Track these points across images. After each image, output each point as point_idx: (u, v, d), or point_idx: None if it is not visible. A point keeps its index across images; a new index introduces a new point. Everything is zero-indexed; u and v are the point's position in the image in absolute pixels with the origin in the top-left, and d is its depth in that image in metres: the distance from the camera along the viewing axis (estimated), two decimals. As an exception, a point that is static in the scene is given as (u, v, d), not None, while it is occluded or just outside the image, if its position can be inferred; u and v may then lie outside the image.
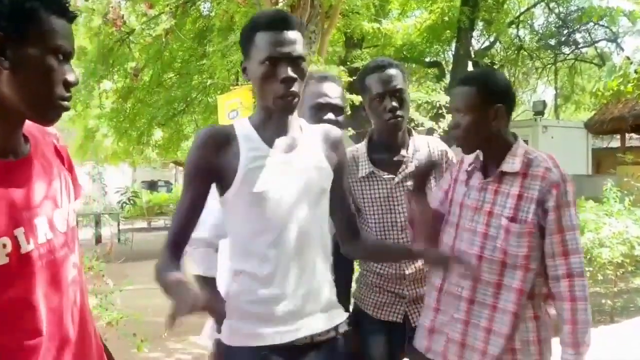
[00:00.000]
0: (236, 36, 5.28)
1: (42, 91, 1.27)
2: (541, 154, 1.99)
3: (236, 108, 5.73)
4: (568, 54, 17.75)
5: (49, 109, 1.30)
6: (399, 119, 2.27)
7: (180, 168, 21.96)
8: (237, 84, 8.33)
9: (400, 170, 2.30)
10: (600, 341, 1.99)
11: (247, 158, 1.69)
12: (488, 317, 1.96)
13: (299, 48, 1.67)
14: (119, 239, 13.45)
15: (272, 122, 1.74)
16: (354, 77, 2.07)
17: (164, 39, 7.40)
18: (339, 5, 5.05)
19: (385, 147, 2.33)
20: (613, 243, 5.71)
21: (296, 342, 1.69)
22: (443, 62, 15.40)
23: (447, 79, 13.41)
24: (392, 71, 2.28)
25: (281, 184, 1.69)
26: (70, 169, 1.54)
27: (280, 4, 4.59)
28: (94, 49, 8.56)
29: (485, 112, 1.95)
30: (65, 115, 1.48)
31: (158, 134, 11.21)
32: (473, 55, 13.98)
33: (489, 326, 1.96)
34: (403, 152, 2.35)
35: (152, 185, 23.50)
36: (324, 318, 1.75)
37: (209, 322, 2.28)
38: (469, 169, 2.08)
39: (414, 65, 14.81)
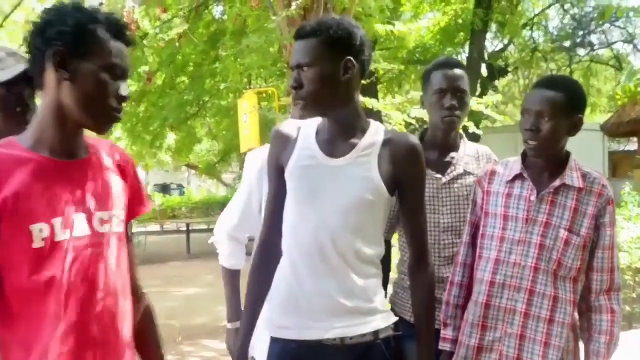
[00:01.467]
0: (249, 40, 5.26)
1: (95, 102, 1.43)
2: (593, 170, 2.00)
3: (247, 112, 5.75)
4: (583, 56, 17.61)
5: (101, 118, 1.46)
6: (455, 118, 2.26)
7: (193, 171, 22.04)
8: (249, 87, 8.34)
9: (448, 171, 2.29)
10: (618, 348, 2.00)
11: (298, 157, 1.76)
12: (545, 331, 1.92)
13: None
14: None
15: (331, 126, 1.77)
16: (366, 80, 2.04)
17: (177, 43, 7.41)
18: (352, 8, 5.01)
19: (437, 147, 2.31)
20: (631, 248, 5.64)
21: (324, 341, 1.71)
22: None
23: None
24: (458, 71, 2.29)
25: (319, 186, 1.73)
26: (133, 185, 1.65)
27: (293, 7, 4.56)
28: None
29: (568, 121, 1.92)
30: None
31: (171, 137, 11.24)
32: (487, 58, 13.90)
33: (546, 340, 1.92)
34: (453, 153, 2.33)
35: (164, 189, 23.55)
36: (358, 322, 1.73)
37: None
38: (509, 179, 2.03)
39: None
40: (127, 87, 1.50)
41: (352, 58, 1.70)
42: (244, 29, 6.84)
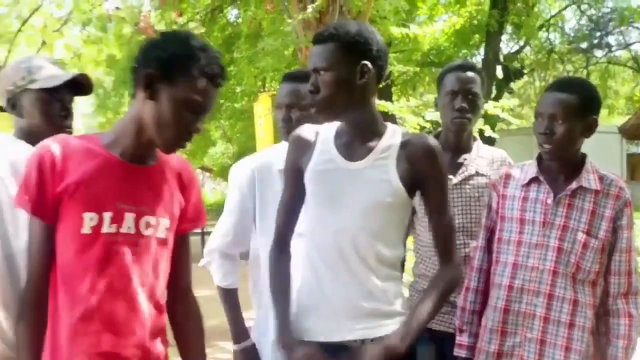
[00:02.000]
0: (264, 42, 5.28)
1: (167, 127, 1.55)
2: (610, 173, 1.98)
3: (262, 115, 5.77)
4: (600, 57, 17.46)
5: (168, 142, 1.59)
6: (465, 120, 2.28)
7: (208, 174, 22.13)
8: (263, 90, 8.36)
9: (459, 172, 2.29)
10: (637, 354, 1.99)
11: (317, 161, 1.77)
12: (565, 335, 1.90)
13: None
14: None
15: (349, 130, 1.78)
16: (381, 83, 2.05)
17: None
18: (367, 11, 5.01)
19: (449, 148, 2.30)
20: (649, 251, 5.55)
21: (346, 343, 1.72)
22: (471, 67, 15.21)
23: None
24: (470, 74, 2.31)
25: (338, 190, 1.74)
26: (189, 200, 1.76)
27: (309, 10, 4.57)
28: (124, 57, 8.65)
29: (582, 124, 1.91)
30: (95, 121, 1.88)
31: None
32: (502, 60, 13.83)
33: (567, 344, 1.90)
34: (466, 155, 2.34)
35: (180, 191, 23.63)
36: (379, 324, 1.73)
37: None
38: (525, 182, 2.02)
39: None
40: (202, 123, 1.61)
41: (368, 63, 1.70)
42: (259, 32, 6.87)
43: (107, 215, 1.55)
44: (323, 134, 1.81)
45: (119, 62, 8.69)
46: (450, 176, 2.26)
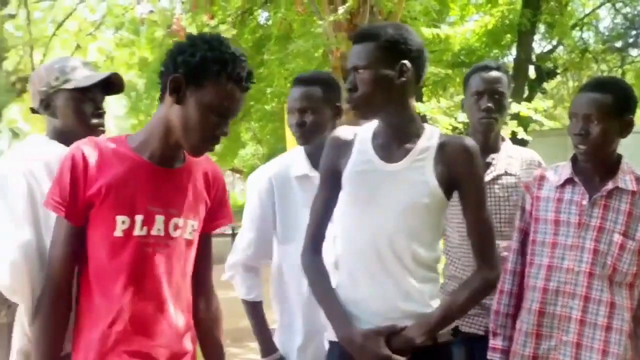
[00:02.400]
0: (295, 45, 5.29)
1: (194, 131, 1.57)
2: None
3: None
4: (636, 56, 17.12)
5: (195, 146, 1.61)
6: (491, 120, 2.28)
7: (238, 175, 22.25)
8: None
9: (487, 172, 2.29)
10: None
11: (355, 162, 1.78)
12: (602, 339, 1.87)
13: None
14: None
15: (387, 131, 1.78)
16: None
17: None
18: (398, 12, 4.99)
19: None
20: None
21: None
22: (503, 67, 15.04)
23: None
24: (496, 74, 2.31)
25: (376, 191, 1.74)
26: (214, 200, 1.78)
27: (340, 12, 4.56)
28: (155, 59, 8.75)
29: (618, 124, 1.88)
30: (127, 123, 1.87)
31: (216, 142, 11.38)
32: (534, 60, 13.64)
33: (604, 347, 1.87)
34: (494, 155, 2.34)
35: (210, 193, 23.80)
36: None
37: None
38: (560, 184, 1.99)
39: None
40: (227, 126, 1.63)
41: (407, 62, 1.71)
42: (289, 34, 6.89)
43: (139, 218, 1.58)
44: (361, 135, 1.82)
45: (150, 65, 8.80)
46: None
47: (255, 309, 2.32)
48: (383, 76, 1.71)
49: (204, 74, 1.54)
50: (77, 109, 1.93)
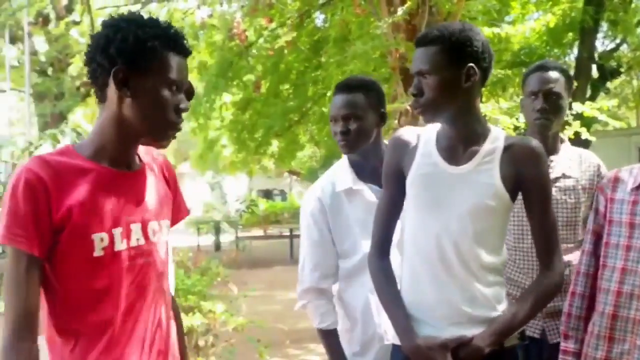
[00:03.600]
0: (354, 47, 5.30)
1: (156, 117, 1.48)
2: None
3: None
4: (703, 54, 16.45)
5: (161, 132, 1.52)
6: (547, 121, 2.26)
7: (295, 177, 22.40)
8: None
9: None
10: None
11: (420, 165, 1.77)
12: None
13: None
14: (237, 246, 13.87)
15: (452, 133, 1.77)
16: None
17: (285, 52, 7.61)
18: (458, 12, 4.95)
19: None
20: None
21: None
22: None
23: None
24: (553, 74, 2.29)
25: (441, 194, 1.73)
26: (175, 192, 1.73)
27: (399, 13, 4.55)
28: (214, 63, 8.90)
29: None
30: (187, 126, 1.75)
31: (274, 144, 11.48)
32: (597, 58, 13.27)
33: None
34: (552, 157, 2.31)
35: (267, 194, 24.11)
36: (478, 329, 1.71)
37: None
38: (635, 186, 1.95)
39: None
40: (186, 101, 1.53)
41: (474, 65, 1.69)
42: (347, 36, 6.91)
43: (118, 232, 1.48)
44: (424, 137, 1.81)
45: (210, 69, 8.95)
46: None
47: (330, 337, 2.26)
48: (449, 81, 1.69)
49: (146, 55, 1.44)
50: None
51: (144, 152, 1.65)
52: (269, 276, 10.42)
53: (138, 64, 1.43)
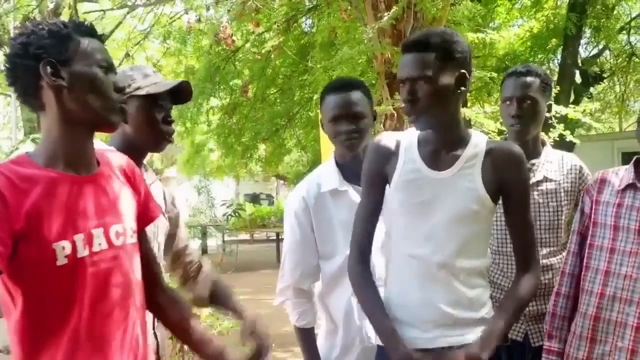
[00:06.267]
0: (340, 51, 5.34)
1: (99, 98, 1.47)
2: None
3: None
4: (685, 60, 16.65)
5: (108, 113, 1.50)
6: (522, 127, 2.25)
7: (282, 181, 22.40)
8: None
9: None
10: None
11: (402, 171, 1.77)
12: None
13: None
14: (223, 250, 13.83)
15: (435, 138, 1.77)
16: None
17: (272, 56, 7.62)
18: (443, 17, 5.00)
19: None
20: None
21: (435, 350, 1.73)
22: (548, 72, 14.82)
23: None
24: (527, 79, 2.27)
25: (425, 200, 1.74)
26: (141, 193, 1.67)
27: (385, 18, 4.60)
28: (201, 67, 8.90)
29: None
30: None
31: (261, 148, 11.48)
32: (580, 64, 13.41)
33: None
34: (534, 160, 2.31)
35: (254, 198, 24.06)
36: (466, 331, 1.74)
37: None
38: (620, 188, 1.97)
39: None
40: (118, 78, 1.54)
41: (465, 71, 1.71)
42: (333, 41, 6.94)
43: (79, 238, 1.42)
44: (405, 142, 1.81)
45: (197, 73, 8.96)
46: None
47: (306, 335, 2.28)
48: (443, 87, 1.69)
49: (64, 43, 1.44)
50: (148, 115, 1.95)
51: (103, 153, 1.63)
52: (255, 280, 10.39)
53: (60, 52, 1.43)
